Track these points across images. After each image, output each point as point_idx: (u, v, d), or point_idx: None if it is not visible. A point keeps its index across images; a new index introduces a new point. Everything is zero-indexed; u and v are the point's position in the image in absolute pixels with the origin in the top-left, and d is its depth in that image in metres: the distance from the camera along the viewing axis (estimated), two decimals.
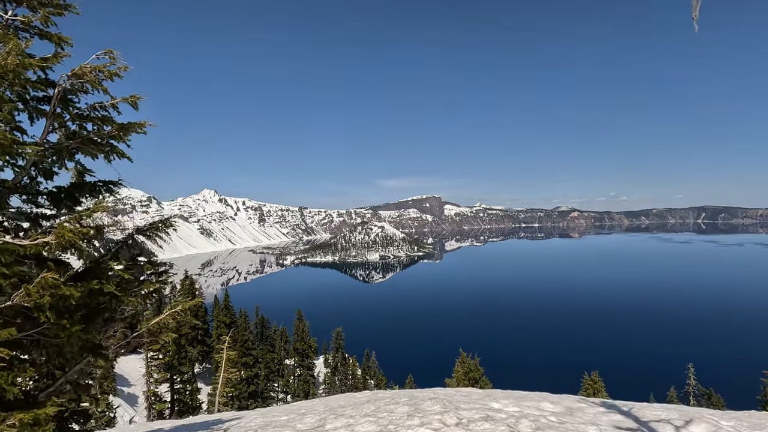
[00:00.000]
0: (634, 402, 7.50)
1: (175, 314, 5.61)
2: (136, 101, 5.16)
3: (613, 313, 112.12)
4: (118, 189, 5.80)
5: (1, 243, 3.91)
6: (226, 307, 48.12)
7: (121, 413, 32.77)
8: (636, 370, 68.05)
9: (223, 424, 7.10)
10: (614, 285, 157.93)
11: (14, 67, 3.93)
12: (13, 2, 4.50)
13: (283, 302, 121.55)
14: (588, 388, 24.24)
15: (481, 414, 5.69)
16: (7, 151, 4.02)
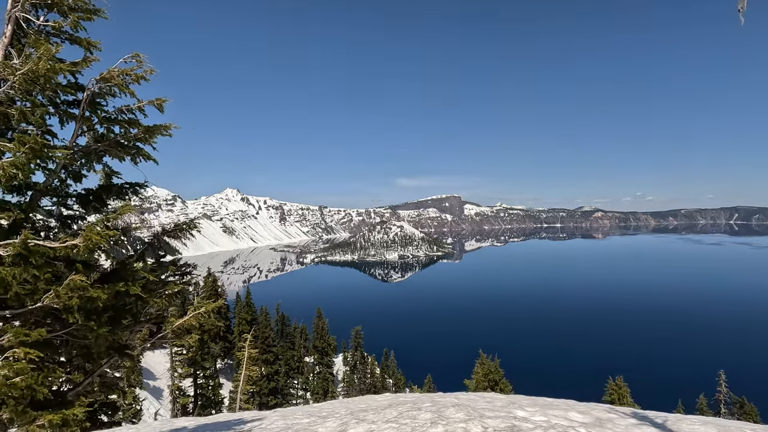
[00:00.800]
0: (668, 413, 7.17)
1: (198, 316, 5.64)
2: (161, 104, 5.19)
3: (639, 316, 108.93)
4: (144, 190, 5.87)
5: (33, 245, 3.97)
6: (247, 304, 48.86)
7: (147, 406, 33.66)
8: (663, 375, 65.87)
9: (245, 425, 7.12)
10: (639, 287, 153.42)
11: (45, 71, 3.99)
12: (45, 8, 4.58)
13: (302, 300, 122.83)
14: (612, 393, 23.53)
15: (507, 423, 5.51)
16: (38, 154, 4.09)
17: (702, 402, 28.93)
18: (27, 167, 4.13)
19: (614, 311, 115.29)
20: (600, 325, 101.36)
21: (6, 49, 4.32)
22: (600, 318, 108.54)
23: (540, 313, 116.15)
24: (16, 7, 4.36)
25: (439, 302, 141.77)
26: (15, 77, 3.97)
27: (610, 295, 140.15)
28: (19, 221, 4.40)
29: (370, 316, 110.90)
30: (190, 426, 8.19)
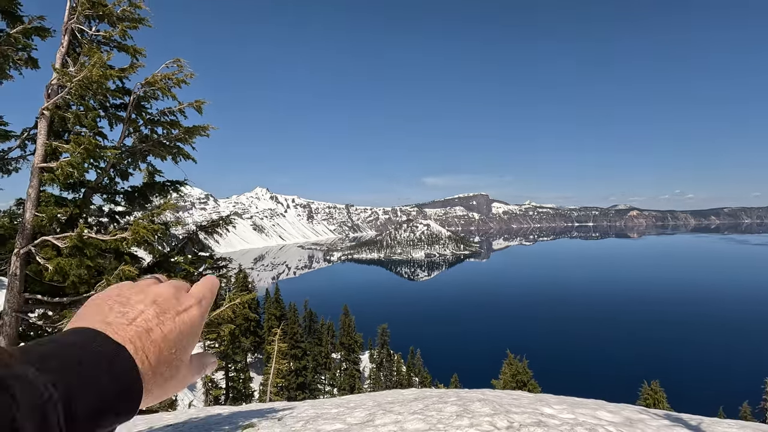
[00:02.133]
0: (703, 416, 6.96)
1: (234, 307, 5.94)
2: (200, 106, 5.50)
3: (677, 318, 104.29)
4: (184, 188, 6.23)
5: (87, 238, 4.32)
6: (276, 300, 50.00)
7: (181, 397, 35.10)
8: (703, 382, 62.82)
9: (277, 413, 7.42)
10: (678, 288, 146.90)
11: (98, 78, 4.32)
12: (96, 19, 4.95)
13: (329, 297, 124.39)
14: (647, 398, 22.73)
15: (533, 419, 5.54)
16: (91, 154, 4.44)
17: (746, 410, 27.47)
18: (81, 166, 4.49)
19: (650, 313, 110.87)
20: (635, 328, 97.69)
21: (63, 58, 4.70)
22: (635, 320, 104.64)
23: (571, 314, 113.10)
24: (72, 19, 4.73)
25: (466, 301, 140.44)
26: (71, 84, 4.33)
27: (647, 296, 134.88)
28: (74, 216, 4.79)
29: (396, 314, 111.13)
30: (225, 413, 8.58)
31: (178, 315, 0.42)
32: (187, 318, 0.43)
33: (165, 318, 0.41)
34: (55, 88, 4.61)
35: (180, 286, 0.47)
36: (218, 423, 7.31)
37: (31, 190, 4.52)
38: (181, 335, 0.41)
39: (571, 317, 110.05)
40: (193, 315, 0.44)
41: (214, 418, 8.05)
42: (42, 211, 4.54)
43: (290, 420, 6.70)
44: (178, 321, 0.42)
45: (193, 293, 0.47)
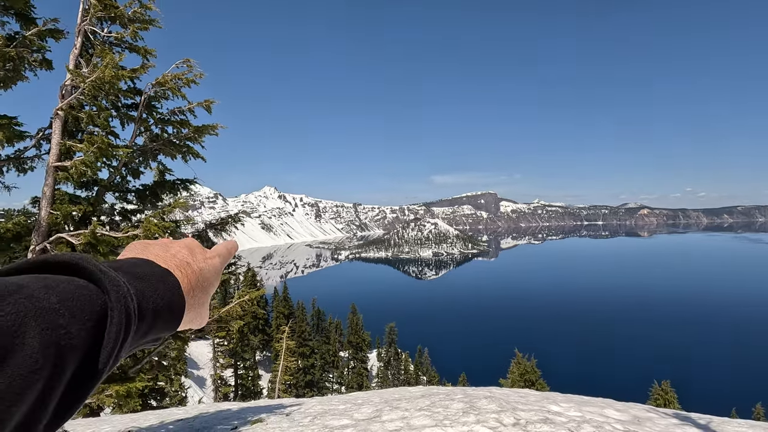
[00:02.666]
0: (713, 416, 6.90)
1: (242, 303, 6.03)
2: (209, 105, 5.58)
3: (688, 319, 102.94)
4: (194, 187, 6.33)
5: (100, 235, 4.42)
6: (284, 298, 50.32)
7: (192, 394, 35.50)
8: (715, 383, 61.91)
9: (285, 409, 7.50)
10: (689, 288, 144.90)
11: (110, 78, 4.41)
12: (108, 20, 5.05)
13: (337, 296, 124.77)
14: (658, 398, 22.46)
15: (540, 416, 5.55)
16: (104, 153, 4.54)
17: (759, 411, 27.06)
18: (95, 165, 4.59)
19: (661, 313, 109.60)
20: (645, 328, 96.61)
21: (76, 60, 4.81)
22: (645, 320, 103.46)
23: (580, 314, 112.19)
24: (85, 21, 4.84)
25: (474, 300, 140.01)
26: (85, 84, 4.43)
27: (657, 296, 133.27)
28: (88, 213, 4.90)
29: (403, 313, 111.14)
30: (234, 408, 8.70)
31: (205, 260, 0.55)
32: (211, 263, 0.56)
33: (197, 259, 0.54)
34: (69, 88, 4.72)
35: (204, 247, 0.60)
36: (227, 418, 7.41)
37: (46, 188, 4.63)
38: (208, 274, 0.54)
39: (580, 317, 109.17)
40: (216, 263, 0.57)
41: (223, 413, 8.17)
42: (57, 209, 4.65)
43: (298, 415, 6.78)
44: (205, 264, 0.55)
45: (216, 249, 0.61)
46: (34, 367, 0.27)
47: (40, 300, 0.30)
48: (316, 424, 5.95)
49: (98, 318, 0.34)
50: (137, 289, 0.40)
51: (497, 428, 5.06)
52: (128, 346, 0.38)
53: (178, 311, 0.46)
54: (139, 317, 0.39)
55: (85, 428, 7.93)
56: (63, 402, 0.31)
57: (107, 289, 0.35)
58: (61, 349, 0.30)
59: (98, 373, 0.34)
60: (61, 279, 0.34)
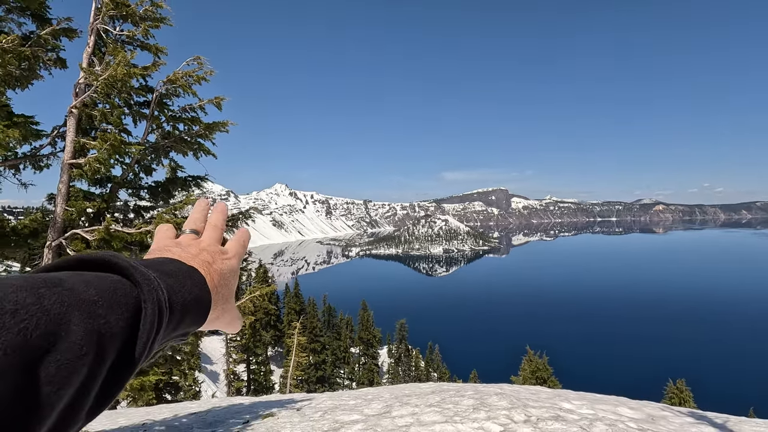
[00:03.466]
0: (730, 415, 6.76)
1: (254, 299, 6.08)
2: (220, 102, 5.62)
3: (705, 317, 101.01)
4: (205, 183, 6.39)
5: (114, 231, 4.49)
6: (296, 295, 50.69)
7: (205, 388, 36.04)
8: (732, 382, 60.69)
9: (296, 404, 7.56)
10: (705, 285, 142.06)
11: (122, 76, 4.47)
12: (120, 19, 5.11)
13: (348, 292, 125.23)
14: (673, 397, 22.08)
15: (551, 413, 5.49)
16: (117, 150, 4.60)
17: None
18: (108, 162, 4.66)
19: (677, 311, 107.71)
20: (661, 326, 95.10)
21: (90, 58, 4.88)
22: (661, 318, 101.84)
23: (594, 311, 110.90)
24: (97, 20, 4.90)
25: (485, 297, 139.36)
26: (98, 83, 4.49)
27: (672, 293, 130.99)
28: (101, 210, 4.98)
29: (414, 310, 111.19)
30: (246, 403, 8.80)
31: (223, 261, 0.57)
32: (229, 264, 0.58)
33: (216, 259, 0.56)
34: (83, 86, 4.79)
35: (217, 239, 0.63)
36: (239, 412, 7.50)
37: (62, 185, 4.72)
38: (228, 273, 0.57)
39: (593, 314, 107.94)
40: (234, 263, 0.60)
41: (235, 407, 8.27)
42: (72, 206, 4.74)
43: (309, 410, 6.83)
44: (225, 263, 0.57)
45: (230, 248, 0.62)
46: (79, 353, 0.29)
47: (81, 292, 0.32)
48: (327, 419, 5.99)
49: (133, 310, 0.36)
50: (167, 284, 0.42)
51: (508, 425, 5.03)
52: (161, 338, 0.40)
53: (205, 306, 0.49)
54: (170, 310, 0.41)
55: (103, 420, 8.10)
56: (103, 389, 0.34)
57: (140, 284, 0.38)
58: (102, 337, 0.32)
59: (135, 362, 0.36)
60: (98, 275, 0.37)
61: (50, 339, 0.28)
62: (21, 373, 0.25)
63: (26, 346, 0.26)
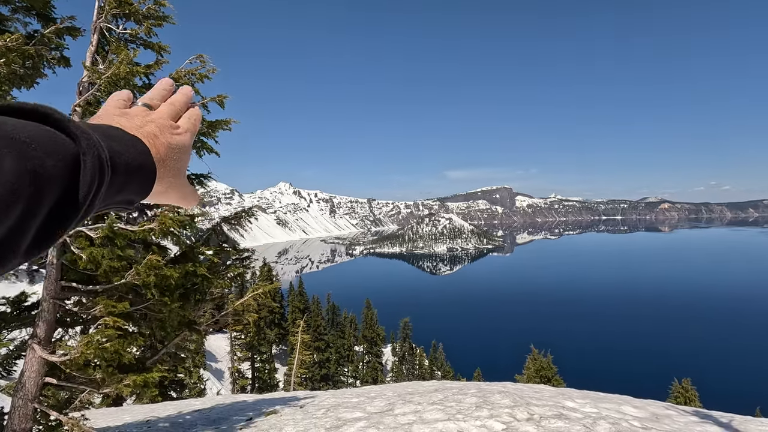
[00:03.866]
0: (735, 414, 6.71)
1: (257, 296, 6.10)
2: (222, 100, 5.62)
3: (711, 316, 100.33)
4: (208, 181, 6.40)
5: (117, 228, 4.52)
6: (300, 293, 50.83)
7: (210, 386, 36.21)
8: (738, 382, 60.25)
9: (299, 401, 7.58)
10: (713, 284, 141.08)
11: (126, 75, 4.48)
12: (123, 17, 5.12)
13: (352, 291, 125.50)
14: (678, 396, 21.94)
15: (554, 411, 5.48)
16: None
17: None
18: None
19: (682, 310, 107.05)
20: (666, 325, 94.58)
21: (93, 56, 4.90)
22: (666, 317, 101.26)
23: (598, 311, 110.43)
24: (101, 18, 4.92)
25: (489, 296, 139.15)
26: (101, 81, 4.51)
27: (678, 292, 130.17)
28: None
29: (418, 309, 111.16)
30: (250, 400, 8.84)
31: (173, 135, 0.53)
32: (180, 139, 0.54)
33: (164, 132, 0.52)
34: (86, 85, 4.81)
35: (170, 114, 0.57)
36: (243, 409, 7.54)
37: None
38: (177, 148, 0.53)
39: (598, 313, 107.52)
40: (184, 138, 0.55)
41: (239, 404, 8.31)
42: None
43: (312, 408, 6.85)
44: (173, 138, 0.53)
45: (181, 124, 0.58)
46: (11, 188, 0.29)
47: (12, 133, 0.31)
48: (329, 417, 6.00)
49: (72, 161, 0.35)
50: (108, 145, 0.40)
51: (510, 423, 5.03)
52: (102, 196, 0.39)
53: (149, 175, 0.46)
54: (112, 170, 0.39)
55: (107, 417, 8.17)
56: (43, 230, 0.33)
57: (78, 137, 0.36)
58: (37, 177, 0.31)
59: (77, 208, 0.36)
60: (30, 123, 0.34)
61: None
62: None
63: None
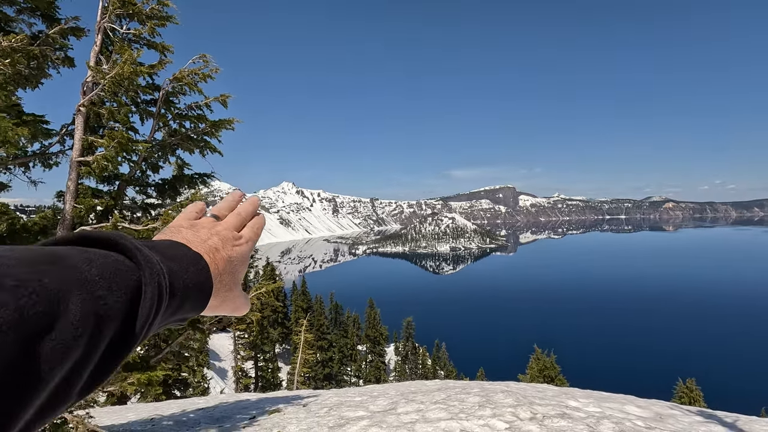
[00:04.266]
0: (740, 414, 6.67)
1: (260, 295, 6.12)
2: (225, 100, 5.65)
3: (716, 315, 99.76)
4: (212, 181, 6.43)
5: (121, 228, 4.54)
6: (303, 292, 50.91)
7: (213, 385, 36.34)
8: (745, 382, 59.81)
9: (302, 400, 7.60)
10: (717, 284, 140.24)
11: (129, 74, 4.51)
12: (127, 17, 5.15)
13: (355, 290, 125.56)
14: (683, 396, 21.81)
15: (557, 411, 5.47)
16: (124, 148, 4.65)
17: None
18: (115, 159, 4.71)
19: (686, 309, 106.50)
20: (671, 326, 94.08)
21: (97, 57, 4.92)
22: (670, 317, 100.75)
23: (602, 310, 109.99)
24: (104, 18, 4.94)
25: (492, 295, 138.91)
26: (105, 81, 4.53)
27: (682, 292, 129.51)
28: (109, 207, 5.04)
29: (421, 308, 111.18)
30: (253, 399, 8.87)
31: (234, 247, 0.56)
32: (240, 250, 0.57)
33: (226, 245, 0.55)
34: (90, 85, 4.84)
35: (235, 225, 0.62)
36: (246, 408, 7.57)
37: (70, 183, 4.77)
38: (236, 260, 0.56)
39: (601, 313, 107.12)
40: (245, 249, 0.59)
41: (243, 403, 8.34)
42: (80, 203, 4.80)
43: (315, 407, 6.87)
44: (234, 250, 0.56)
45: (244, 234, 0.62)
46: (75, 334, 0.29)
47: (83, 271, 0.32)
48: (332, 415, 6.01)
49: (133, 292, 0.36)
50: (169, 268, 0.41)
51: (513, 422, 5.02)
52: (158, 322, 0.40)
53: (206, 293, 0.48)
54: (170, 295, 0.40)
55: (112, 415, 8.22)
56: (97, 369, 0.33)
57: (142, 266, 0.37)
58: (100, 319, 0.32)
59: (130, 344, 0.36)
60: (101, 253, 0.36)
61: (47, 318, 0.27)
62: (15, 351, 0.25)
63: (23, 324, 0.26)
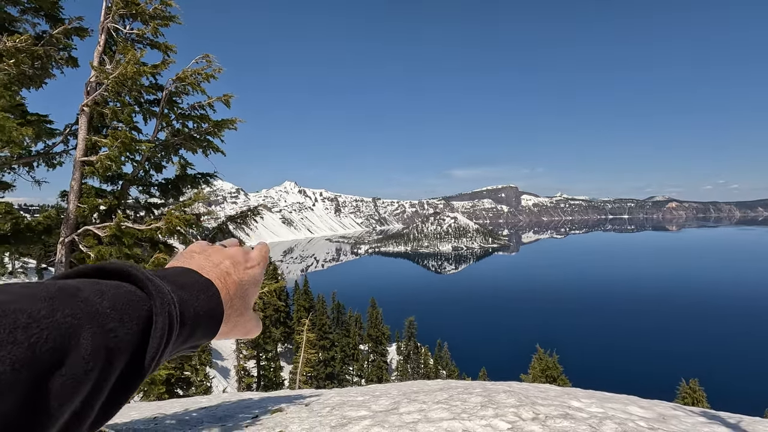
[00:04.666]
0: (744, 415, 6.64)
1: (262, 295, 6.12)
2: (228, 99, 5.66)
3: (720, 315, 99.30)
4: (214, 180, 6.44)
5: (124, 227, 4.56)
6: (305, 292, 50.97)
7: (216, 383, 36.42)
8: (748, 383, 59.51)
9: (305, 399, 7.61)
10: (720, 284, 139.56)
11: (132, 74, 4.52)
12: (130, 18, 5.16)
13: (357, 289, 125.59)
14: (686, 397, 21.74)
15: (560, 411, 5.46)
16: (128, 147, 4.66)
17: None
18: (119, 159, 4.73)
19: (689, 309, 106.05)
20: (674, 325, 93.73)
21: (100, 57, 4.94)
22: (673, 317, 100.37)
23: (604, 310, 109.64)
24: (108, 19, 4.96)
25: (495, 295, 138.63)
26: (108, 81, 4.55)
27: (686, 292, 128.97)
28: (113, 207, 5.05)
29: (423, 307, 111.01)
30: (256, 398, 8.89)
31: (246, 270, 0.58)
32: (251, 273, 0.59)
33: (238, 269, 0.56)
34: (94, 85, 4.85)
35: (245, 250, 0.63)
36: (248, 407, 7.58)
37: (74, 182, 4.80)
38: (247, 283, 0.57)
39: (604, 313, 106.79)
40: (256, 272, 0.60)
41: (245, 402, 8.36)
42: (84, 202, 4.81)
43: (317, 406, 6.88)
44: (246, 273, 0.57)
45: (254, 256, 0.63)
46: (86, 368, 0.30)
47: (94, 304, 0.33)
48: (335, 415, 6.02)
49: (144, 323, 0.36)
50: (180, 297, 0.42)
51: (516, 422, 5.01)
52: (169, 350, 0.41)
53: (217, 320, 0.48)
54: (181, 324, 0.41)
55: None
56: (108, 401, 0.34)
57: (153, 296, 0.38)
58: (110, 353, 0.32)
59: (141, 376, 0.37)
60: (113, 284, 0.37)
61: (58, 354, 0.28)
62: (27, 388, 0.25)
63: (34, 361, 0.26)
